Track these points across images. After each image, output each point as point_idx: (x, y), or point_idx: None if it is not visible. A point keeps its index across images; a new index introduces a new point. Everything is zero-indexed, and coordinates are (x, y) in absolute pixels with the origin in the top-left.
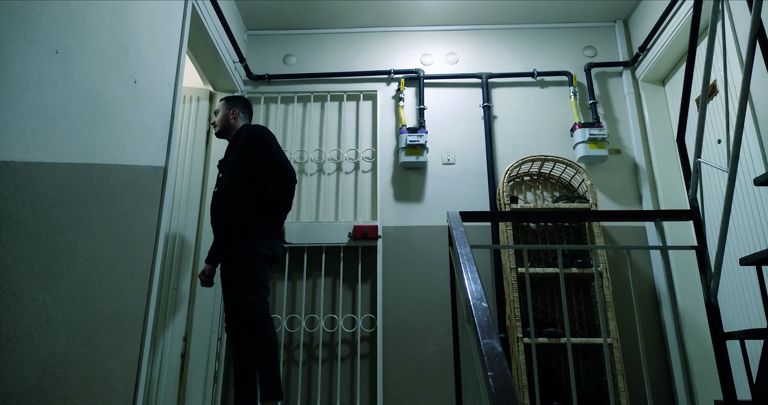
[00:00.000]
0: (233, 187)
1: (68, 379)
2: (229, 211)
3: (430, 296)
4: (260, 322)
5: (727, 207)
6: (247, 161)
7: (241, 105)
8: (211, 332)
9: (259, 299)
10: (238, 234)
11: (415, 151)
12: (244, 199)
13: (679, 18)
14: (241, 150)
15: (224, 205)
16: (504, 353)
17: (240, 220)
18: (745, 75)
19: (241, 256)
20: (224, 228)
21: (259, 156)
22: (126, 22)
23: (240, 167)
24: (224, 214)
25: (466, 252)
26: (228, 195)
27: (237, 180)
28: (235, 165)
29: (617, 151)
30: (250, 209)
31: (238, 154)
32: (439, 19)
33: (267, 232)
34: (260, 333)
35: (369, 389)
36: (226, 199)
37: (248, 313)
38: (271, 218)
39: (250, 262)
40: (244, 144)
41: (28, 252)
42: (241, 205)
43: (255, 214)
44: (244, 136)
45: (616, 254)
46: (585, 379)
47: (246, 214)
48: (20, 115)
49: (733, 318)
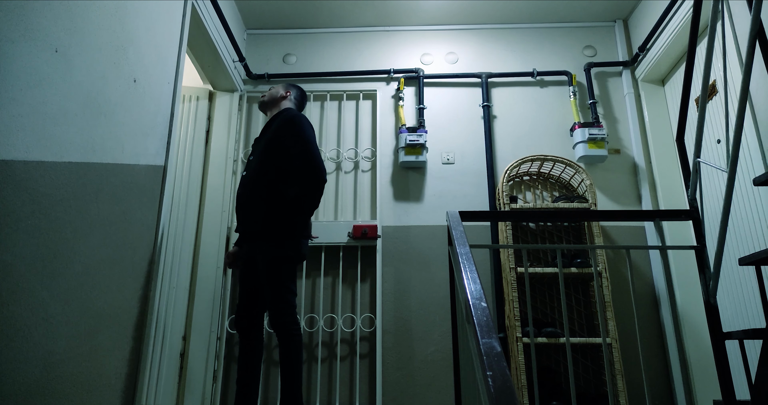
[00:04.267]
0: (260, 177)
1: (67, 377)
2: (253, 203)
3: (430, 296)
4: (291, 330)
5: (726, 207)
6: (278, 149)
7: (299, 93)
8: (210, 331)
9: (289, 306)
10: (261, 231)
11: (414, 150)
12: (271, 193)
13: (678, 18)
14: (275, 134)
15: (250, 196)
16: (503, 353)
17: (264, 215)
18: (744, 75)
19: (267, 258)
20: (248, 220)
21: (292, 146)
22: (126, 21)
23: (270, 155)
24: (249, 206)
25: (466, 251)
26: (255, 185)
27: (265, 169)
28: (265, 151)
29: (617, 151)
30: (276, 205)
31: (271, 139)
32: (439, 18)
33: (292, 231)
34: (290, 341)
35: (368, 389)
36: (253, 189)
37: (279, 321)
38: (296, 216)
39: (276, 266)
40: (280, 129)
41: (28, 250)
42: (267, 200)
43: (280, 211)
44: (283, 119)
45: (616, 254)
46: (584, 379)
47: (270, 209)
48: (20, 114)
49: (732, 318)
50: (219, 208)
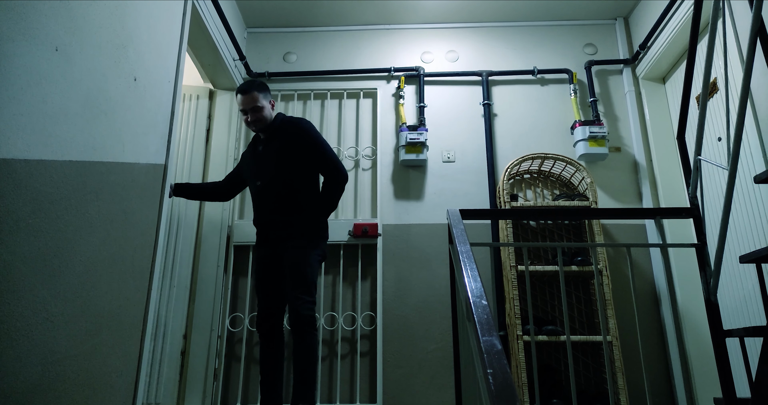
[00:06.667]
0: (286, 183)
1: (68, 376)
2: (285, 208)
3: (430, 294)
4: (312, 324)
5: (727, 205)
6: (300, 157)
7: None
8: (211, 330)
9: (314, 301)
10: (298, 231)
11: (415, 148)
12: (303, 196)
13: (679, 16)
14: (291, 145)
15: (279, 202)
16: (504, 351)
17: (301, 217)
18: (745, 73)
19: (300, 253)
20: (282, 224)
21: (312, 154)
22: (126, 19)
23: (293, 162)
24: (280, 212)
25: (466, 250)
26: (282, 191)
27: (289, 176)
28: (285, 159)
29: (617, 149)
30: (309, 208)
31: (288, 148)
32: (440, 16)
33: (324, 232)
34: (311, 335)
35: (369, 387)
36: (282, 195)
37: (305, 313)
38: (323, 217)
39: (310, 262)
40: (294, 139)
41: (28, 249)
42: (299, 204)
43: (313, 212)
44: (293, 130)
45: (616, 252)
46: (584, 377)
47: (306, 212)
48: (20, 113)
49: (732, 316)
50: (220, 206)
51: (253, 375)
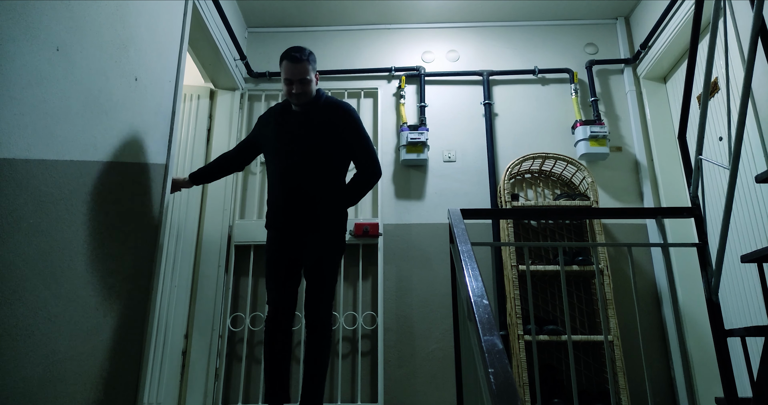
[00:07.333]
0: (321, 167)
1: (70, 376)
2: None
3: (431, 294)
4: (330, 326)
5: (728, 204)
6: (340, 141)
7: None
8: (212, 330)
9: (332, 301)
10: (325, 223)
11: (416, 148)
12: (332, 182)
13: (680, 15)
14: (333, 126)
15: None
16: (505, 350)
17: (327, 206)
18: (746, 72)
19: (325, 249)
20: (306, 210)
21: (352, 141)
22: (127, 19)
23: (332, 145)
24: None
25: (467, 249)
26: (315, 174)
27: (327, 158)
28: (325, 139)
29: (618, 149)
30: (335, 196)
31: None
32: (440, 16)
33: (346, 224)
34: (329, 337)
35: (370, 386)
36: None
37: (325, 315)
38: (345, 208)
39: (336, 261)
40: (339, 121)
41: (30, 249)
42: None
43: (337, 202)
44: (339, 112)
45: (617, 251)
46: (586, 376)
47: (332, 199)
48: (21, 113)
49: (734, 315)
50: (220, 206)
51: (255, 375)
